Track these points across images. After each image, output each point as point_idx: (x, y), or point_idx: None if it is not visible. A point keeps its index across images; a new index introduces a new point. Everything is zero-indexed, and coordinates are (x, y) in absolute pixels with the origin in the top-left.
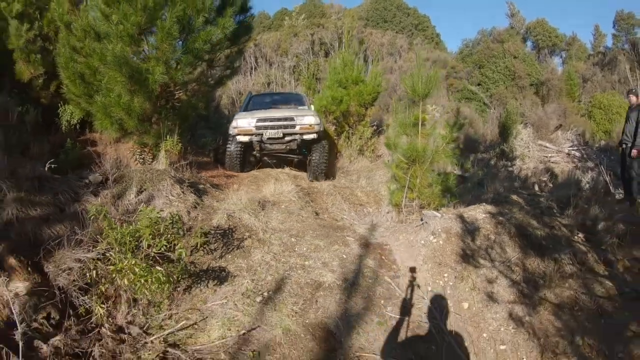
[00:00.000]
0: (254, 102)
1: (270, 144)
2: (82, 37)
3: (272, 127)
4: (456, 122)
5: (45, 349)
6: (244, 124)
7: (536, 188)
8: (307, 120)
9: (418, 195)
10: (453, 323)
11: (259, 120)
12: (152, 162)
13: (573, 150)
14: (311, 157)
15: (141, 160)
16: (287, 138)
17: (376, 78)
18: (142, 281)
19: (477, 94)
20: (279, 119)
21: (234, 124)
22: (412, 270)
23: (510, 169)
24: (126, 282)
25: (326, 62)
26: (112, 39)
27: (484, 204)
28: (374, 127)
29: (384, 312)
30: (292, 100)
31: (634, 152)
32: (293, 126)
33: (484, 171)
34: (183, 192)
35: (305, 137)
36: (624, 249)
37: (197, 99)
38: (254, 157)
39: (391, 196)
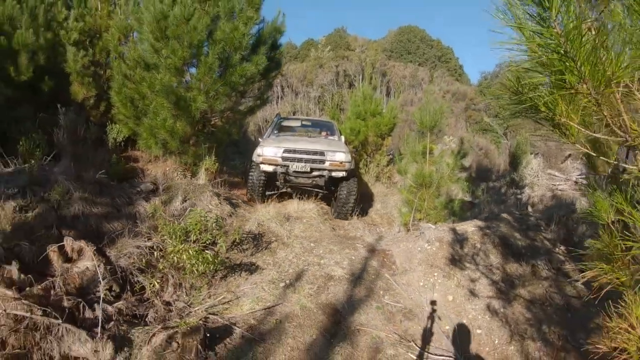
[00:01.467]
0: (281, 127)
1: (296, 177)
2: (133, 66)
3: (300, 160)
4: (460, 151)
5: (110, 309)
6: (269, 152)
7: (529, 209)
8: (338, 157)
9: (425, 216)
10: (438, 310)
11: (286, 150)
12: (191, 178)
13: (581, 178)
14: (338, 194)
15: (182, 176)
16: (315, 173)
17: (392, 111)
18: (194, 261)
19: (492, 126)
20: (307, 152)
21: (258, 150)
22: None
23: (519, 196)
24: (184, 257)
25: (349, 93)
26: (160, 70)
27: (476, 219)
28: (390, 156)
29: (382, 300)
30: (322, 127)
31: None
32: (322, 161)
33: (493, 198)
34: (220, 203)
35: (334, 174)
36: None
37: (231, 125)
38: (276, 187)
39: (402, 217)
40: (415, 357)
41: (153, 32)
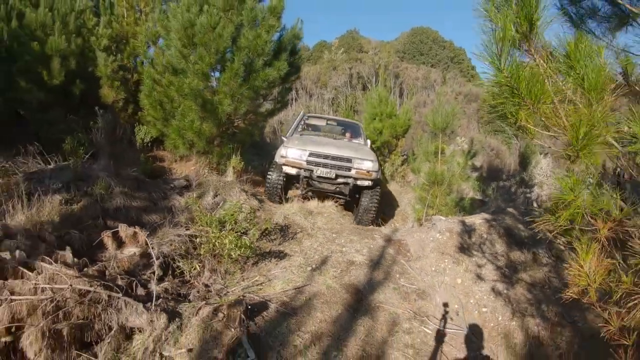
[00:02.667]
0: (306, 125)
1: (319, 182)
2: (161, 72)
3: (325, 165)
4: (470, 151)
5: (158, 288)
6: (294, 154)
7: (534, 205)
8: (365, 165)
9: (437, 212)
10: (449, 292)
11: (312, 154)
12: (218, 175)
13: (589, 177)
14: (361, 201)
15: (209, 174)
16: (340, 180)
17: (407, 113)
18: (233, 245)
19: (504, 127)
20: (334, 158)
21: (282, 151)
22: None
23: (528, 195)
24: (226, 241)
25: (363, 95)
26: (188, 75)
27: (484, 213)
28: (404, 156)
29: (398, 282)
30: (348, 128)
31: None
32: (348, 169)
33: (503, 196)
34: (248, 198)
35: (359, 182)
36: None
37: (253, 127)
38: (295, 187)
39: (415, 213)
40: (428, 330)
41: (181, 39)
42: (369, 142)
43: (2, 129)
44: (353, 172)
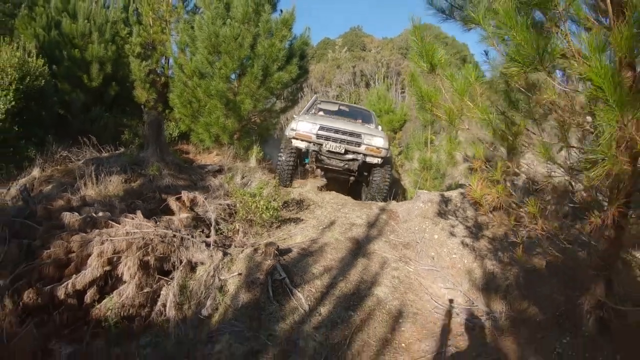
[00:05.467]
0: (318, 107)
1: (328, 157)
2: (190, 75)
3: (335, 140)
4: (455, 139)
5: (209, 240)
6: (304, 127)
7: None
8: (375, 142)
9: None
10: (427, 244)
11: (322, 128)
12: (241, 162)
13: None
14: (372, 179)
15: (232, 162)
16: (349, 156)
17: (403, 109)
18: (265, 208)
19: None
20: (344, 132)
21: (293, 125)
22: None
23: (516, 182)
24: (262, 203)
25: (367, 92)
26: (215, 78)
27: (460, 189)
28: (401, 148)
29: (389, 237)
30: (360, 115)
31: None
32: (358, 144)
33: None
34: (270, 179)
35: (369, 159)
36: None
37: (268, 122)
38: (303, 167)
39: (408, 194)
40: (410, 269)
41: (207, 48)
42: (380, 127)
43: (53, 127)
44: (363, 147)
